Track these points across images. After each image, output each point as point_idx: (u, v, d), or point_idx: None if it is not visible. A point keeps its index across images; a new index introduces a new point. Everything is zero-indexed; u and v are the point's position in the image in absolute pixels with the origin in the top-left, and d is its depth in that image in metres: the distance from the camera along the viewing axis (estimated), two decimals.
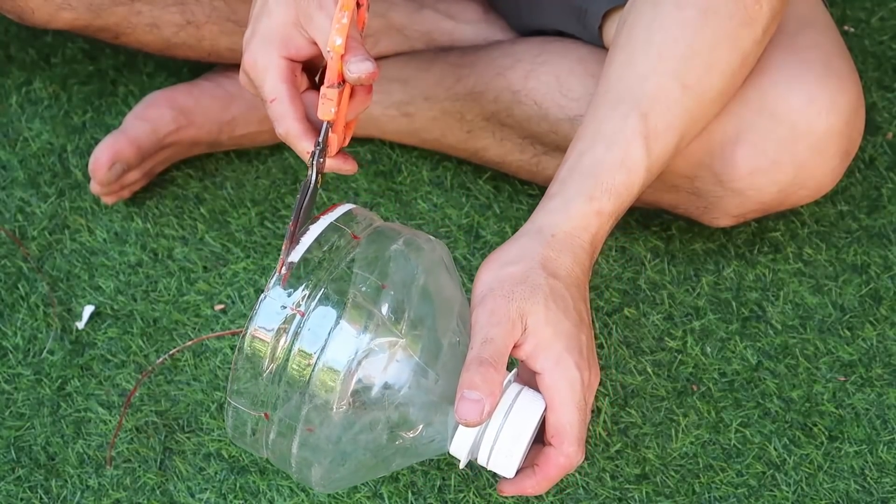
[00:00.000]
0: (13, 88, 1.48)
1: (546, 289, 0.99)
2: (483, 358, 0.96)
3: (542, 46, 1.31)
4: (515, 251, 1.02)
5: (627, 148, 1.06)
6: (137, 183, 1.37)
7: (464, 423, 0.95)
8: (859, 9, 1.54)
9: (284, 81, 1.03)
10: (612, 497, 1.21)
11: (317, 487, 1.00)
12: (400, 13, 1.38)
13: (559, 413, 0.98)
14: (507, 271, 1.01)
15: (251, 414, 0.97)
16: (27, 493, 1.22)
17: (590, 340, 1.01)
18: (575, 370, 0.98)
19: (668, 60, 1.09)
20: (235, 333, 1.31)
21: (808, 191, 1.22)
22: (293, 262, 0.97)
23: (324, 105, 1.01)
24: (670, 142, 1.09)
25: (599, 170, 1.05)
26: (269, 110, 1.04)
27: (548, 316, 0.98)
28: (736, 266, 1.34)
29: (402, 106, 1.37)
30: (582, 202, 1.04)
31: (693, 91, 1.10)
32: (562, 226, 1.03)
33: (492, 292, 1.00)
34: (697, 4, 1.10)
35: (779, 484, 1.22)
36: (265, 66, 1.04)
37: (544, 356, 0.98)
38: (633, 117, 1.07)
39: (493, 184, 1.41)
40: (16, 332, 1.31)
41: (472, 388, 0.95)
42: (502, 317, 0.98)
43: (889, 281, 1.34)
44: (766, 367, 1.29)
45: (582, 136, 1.08)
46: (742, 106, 1.18)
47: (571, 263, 1.02)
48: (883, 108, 1.45)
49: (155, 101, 1.38)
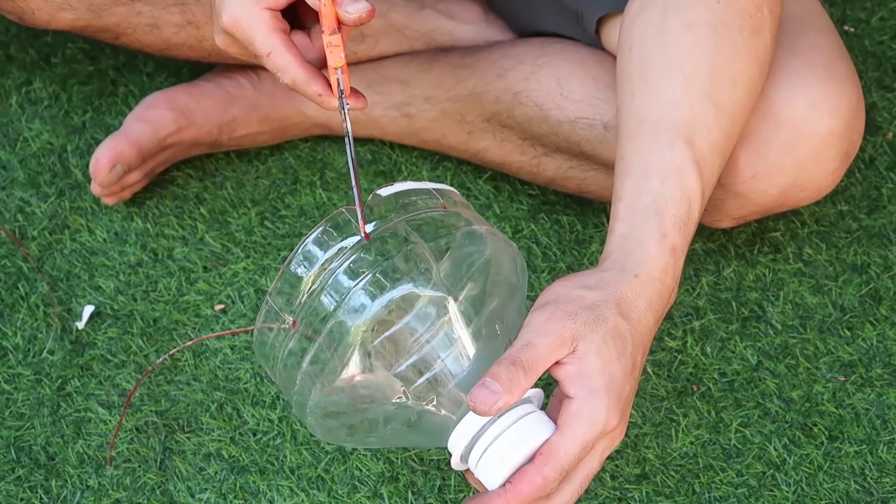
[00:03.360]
0: (13, 88, 1.48)
1: (611, 325, 0.98)
2: (517, 358, 0.95)
3: (543, 48, 1.31)
4: (596, 279, 1.01)
5: (681, 178, 1.05)
6: (138, 184, 1.37)
7: (472, 406, 0.94)
8: (859, 9, 1.54)
9: (274, 31, 1.02)
10: (612, 497, 1.21)
11: (309, 421, 0.99)
12: (400, 13, 1.38)
13: (564, 437, 0.96)
14: (580, 293, 0.99)
15: (281, 315, 0.96)
16: (27, 493, 1.22)
17: (632, 394, 0.99)
18: (603, 410, 0.96)
19: (695, 83, 1.08)
20: (235, 333, 1.31)
21: (809, 192, 1.23)
22: (383, 194, 0.98)
23: (332, 53, 1.00)
24: (716, 163, 1.07)
25: (662, 204, 1.04)
26: (268, 64, 1.03)
27: (601, 349, 0.97)
28: (736, 266, 1.34)
29: (402, 107, 1.37)
30: (657, 241, 1.02)
31: (725, 109, 1.08)
32: (644, 269, 1.01)
33: (556, 303, 0.98)
34: (706, 22, 1.09)
35: (779, 484, 1.22)
36: (249, 21, 1.02)
37: (581, 383, 0.96)
38: (678, 145, 1.05)
39: (493, 184, 1.41)
40: (16, 332, 1.31)
41: (494, 380, 0.94)
42: (554, 329, 0.97)
43: (889, 281, 1.34)
44: (766, 367, 1.29)
45: (629, 171, 1.06)
46: None
47: (645, 309, 1.01)
48: (883, 108, 1.45)
49: (155, 102, 1.37)
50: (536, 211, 1.39)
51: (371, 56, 1.39)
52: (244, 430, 1.25)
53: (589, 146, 1.27)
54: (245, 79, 1.40)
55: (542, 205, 1.39)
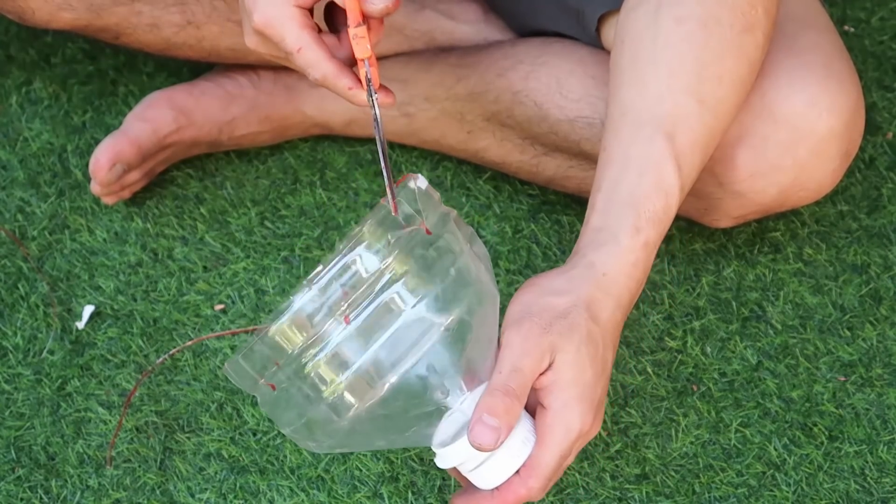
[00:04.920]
0: (13, 88, 1.48)
1: (584, 331, 1.00)
2: (510, 388, 0.97)
3: (543, 47, 1.31)
4: (563, 283, 1.02)
5: (660, 172, 1.05)
6: (138, 183, 1.37)
7: (476, 445, 0.96)
8: (859, 9, 1.54)
9: (305, 28, 1.03)
10: (612, 497, 1.21)
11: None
12: (400, 13, 1.38)
13: (543, 450, 0.99)
14: (550, 300, 1.01)
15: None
16: (27, 493, 1.22)
17: (604, 392, 1.01)
18: (577, 420, 0.99)
19: (680, 77, 1.08)
20: (235, 333, 1.31)
21: (809, 192, 1.22)
22: (420, 186, 0.99)
23: (358, 45, 1.01)
24: (697, 159, 1.08)
25: (638, 197, 1.05)
26: (299, 60, 1.03)
27: (576, 359, 0.99)
28: (736, 266, 1.34)
29: (402, 106, 1.37)
30: (630, 236, 1.03)
31: (709, 105, 1.09)
32: (613, 264, 1.03)
33: (530, 317, 1.00)
34: (697, 17, 1.10)
35: (779, 484, 1.22)
36: (280, 20, 1.03)
37: (555, 396, 0.99)
38: (658, 139, 1.06)
39: (493, 184, 1.41)
40: (16, 332, 1.31)
41: (492, 415, 0.96)
42: (534, 347, 0.98)
43: (889, 281, 1.34)
44: (766, 367, 1.29)
45: (610, 163, 1.07)
46: (743, 109, 1.18)
47: (614, 307, 1.02)
48: (883, 108, 1.45)
49: (155, 102, 1.37)
50: (536, 211, 1.39)
51: None
52: (244, 430, 1.25)
53: (588, 145, 1.27)
54: (245, 78, 1.40)
55: (542, 205, 1.39)
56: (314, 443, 1.00)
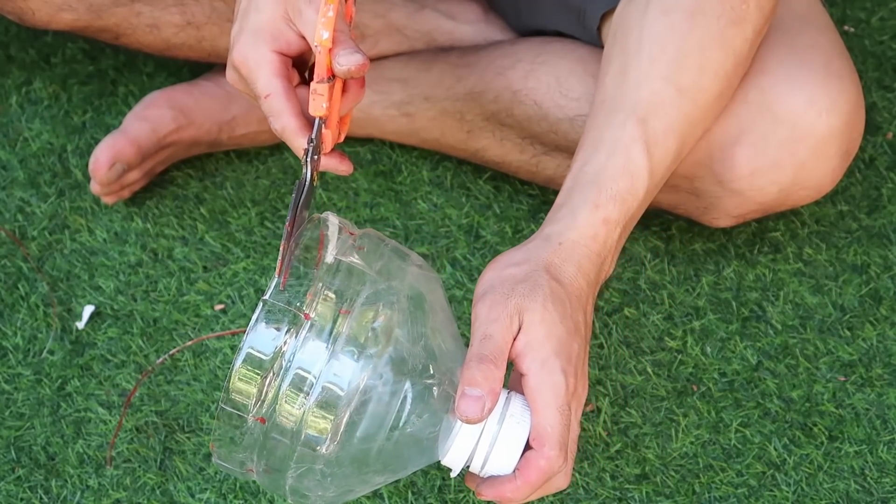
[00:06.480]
0: (13, 88, 1.48)
1: (547, 290, 1.00)
2: (483, 355, 0.97)
3: (542, 47, 1.31)
4: (521, 254, 1.03)
5: (628, 154, 1.06)
6: (137, 183, 1.38)
7: (465, 419, 0.95)
8: (859, 9, 1.54)
9: (278, 76, 1.02)
10: (612, 497, 1.21)
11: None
12: (400, 13, 1.38)
13: (541, 416, 0.97)
14: (510, 272, 1.01)
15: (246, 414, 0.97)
16: (27, 493, 1.22)
17: (582, 351, 1.00)
18: (560, 374, 0.98)
19: (659, 65, 1.09)
20: (235, 333, 1.31)
21: (809, 191, 1.23)
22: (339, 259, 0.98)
23: (315, 101, 1.00)
24: (671, 145, 1.09)
25: (603, 177, 1.05)
26: (264, 106, 1.03)
27: (544, 316, 0.99)
28: (736, 266, 1.34)
29: (401, 106, 1.37)
30: (588, 211, 1.04)
31: (688, 93, 1.10)
32: (569, 234, 1.03)
33: (492, 289, 1.00)
34: (684, 7, 1.10)
35: (779, 484, 1.22)
36: (257, 61, 1.03)
37: (531, 357, 0.98)
38: (630, 123, 1.07)
39: (493, 184, 1.41)
40: (16, 332, 1.31)
41: (473, 386, 0.95)
42: (500, 312, 0.98)
43: (889, 281, 1.34)
44: (766, 367, 1.29)
45: (583, 146, 1.08)
46: (742, 106, 1.18)
47: (575, 272, 1.02)
48: (883, 108, 1.45)
49: (155, 101, 1.38)
50: (536, 211, 1.39)
51: (371, 56, 1.39)
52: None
53: None
54: None
55: (542, 205, 1.39)
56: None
